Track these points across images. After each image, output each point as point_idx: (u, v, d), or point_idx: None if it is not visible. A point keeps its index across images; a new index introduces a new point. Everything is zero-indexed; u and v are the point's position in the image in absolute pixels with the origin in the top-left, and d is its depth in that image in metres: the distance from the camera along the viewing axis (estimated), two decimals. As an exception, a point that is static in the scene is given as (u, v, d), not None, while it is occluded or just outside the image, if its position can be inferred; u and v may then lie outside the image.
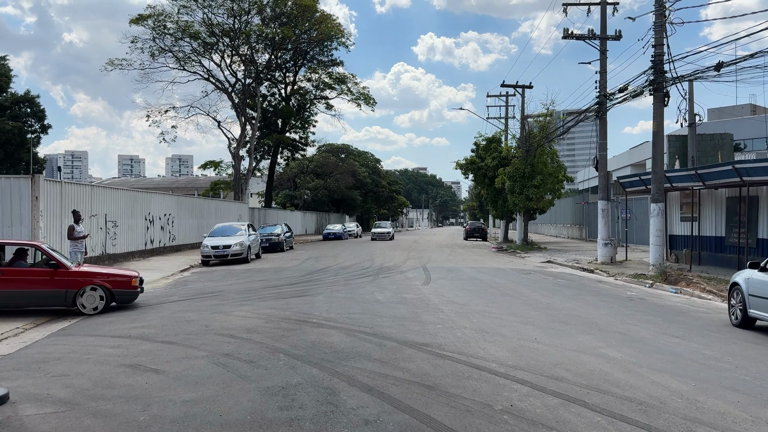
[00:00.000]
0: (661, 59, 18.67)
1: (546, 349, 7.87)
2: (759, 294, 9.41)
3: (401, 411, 5.32)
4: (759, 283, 9.47)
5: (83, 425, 5.13)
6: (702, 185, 20.01)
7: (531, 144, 31.98)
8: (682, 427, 4.97)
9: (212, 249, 22.92)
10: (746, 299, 9.78)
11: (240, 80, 44.16)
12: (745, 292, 9.84)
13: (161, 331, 9.27)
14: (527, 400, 5.62)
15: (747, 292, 9.79)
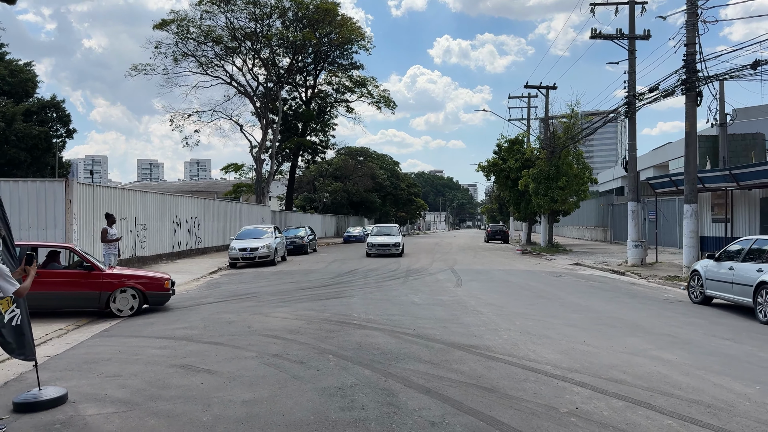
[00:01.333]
0: (693, 58, 18.41)
1: (597, 351, 7.75)
2: (713, 278, 12.40)
3: (465, 413, 5.26)
4: (712, 271, 12.46)
5: (147, 425, 5.13)
6: (736, 186, 19.68)
7: (556, 145, 31.72)
8: (757, 430, 4.84)
9: (240, 251, 23.02)
10: (706, 282, 12.68)
11: (261, 84, 44.45)
12: (703, 277, 12.78)
13: (204, 332, 9.29)
14: (591, 403, 5.52)
15: (705, 277, 12.72)
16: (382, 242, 27.63)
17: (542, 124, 35.64)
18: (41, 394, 5.85)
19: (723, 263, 12.18)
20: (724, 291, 12.00)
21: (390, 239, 28.04)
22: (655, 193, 25.15)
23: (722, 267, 12.13)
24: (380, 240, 27.98)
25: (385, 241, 27.77)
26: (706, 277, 12.60)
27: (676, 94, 19.71)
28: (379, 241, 27.73)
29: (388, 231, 30.17)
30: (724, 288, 12.01)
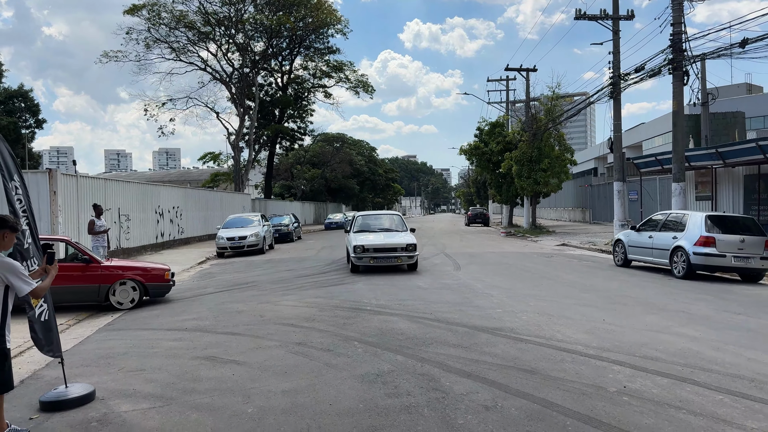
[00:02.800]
0: (680, 38, 18.55)
1: (621, 330, 7.77)
2: (635, 245, 15.48)
3: (514, 396, 5.19)
4: (633, 239, 15.64)
5: (191, 420, 4.96)
6: (721, 164, 20.02)
7: (538, 127, 31.86)
8: (809, 402, 4.88)
9: (228, 240, 22.67)
10: (626, 249, 15.83)
11: (237, 70, 43.66)
12: (626, 245, 15.91)
13: (217, 322, 9.08)
14: (637, 381, 5.51)
15: (627, 244, 15.86)
16: (382, 244, 14.80)
17: (523, 106, 35.74)
18: (68, 392, 5.62)
19: (643, 233, 15.27)
20: (645, 255, 15.11)
21: (394, 237, 15.28)
22: (640, 173, 25.46)
23: (643, 236, 15.21)
24: (377, 240, 15.07)
25: (386, 242, 14.93)
26: (629, 245, 15.77)
27: (663, 73, 19.86)
28: (375, 243, 14.82)
29: (387, 222, 16.90)
30: (644, 253, 15.12)
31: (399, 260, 14.49)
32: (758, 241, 13.06)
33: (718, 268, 13.36)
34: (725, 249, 12.90)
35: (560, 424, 4.50)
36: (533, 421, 4.59)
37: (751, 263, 12.95)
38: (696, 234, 13.25)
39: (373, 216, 17.54)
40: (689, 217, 14.03)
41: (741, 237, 13.00)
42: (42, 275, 5.19)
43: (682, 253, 13.41)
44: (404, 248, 14.56)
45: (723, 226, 13.41)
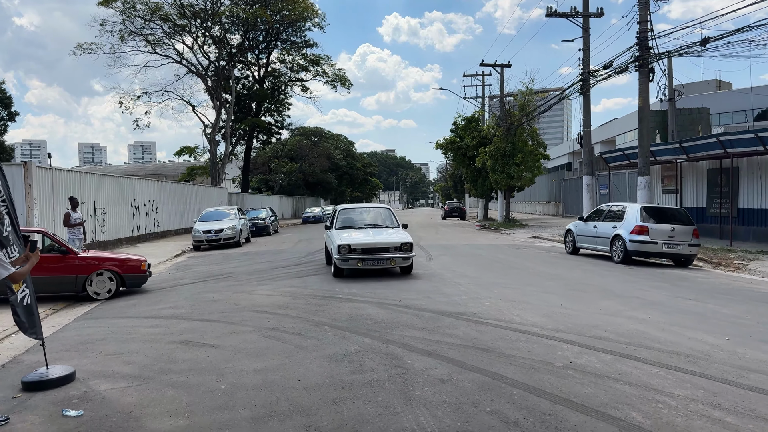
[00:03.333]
0: (646, 36, 19.17)
1: (576, 314, 8.26)
2: (581, 234, 17.06)
3: (470, 370, 5.62)
4: (580, 228, 17.21)
5: (167, 396, 5.29)
6: (685, 158, 20.74)
7: (511, 122, 32.44)
8: (734, 373, 5.38)
9: (204, 233, 22.84)
10: (575, 237, 17.32)
11: (213, 63, 43.56)
12: (575, 234, 17.39)
13: (192, 310, 9.38)
14: (583, 357, 5.97)
15: (576, 234, 17.33)
16: (372, 243, 12.18)
17: (498, 101, 36.31)
18: (49, 373, 5.90)
19: (589, 223, 16.78)
20: (590, 243, 16.66)
21: (385, 235, 12.76)
22: (609, 167, 26.16)
23: (589, 226, 16.74)
24: (365, 239, 12.44)
25: (376, 240, 12.30)
26: (577, 234, 17.35)
27: (629, 70, 20.54)
28: (363, 242, 12.24)
29: (374, 217, 14.33)
30: (590, 241, 16.66)
31: (392, 262, 12.09)
32: (687, 230, 14.55)
33: (651, 254, 14.87)
34: (657, 237, 14.42)
35: (507, 394, 4.93)
36: (483, 391, 5.02)
37: (679, 249, 14.47)
38: (632, 223, 14.69)
39: (359, 210, 14.74)
40: (627, 209, 15.43)
41: (672, 226, 14.48)
42: (23, 262, 5.46)
43: (620, 240, 14.91)
44: (398, 248, 12.08)
45: (656, 217, 14.88)
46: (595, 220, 16.71)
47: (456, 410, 4.60)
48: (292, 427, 4.42)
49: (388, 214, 14.50)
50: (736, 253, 15.73)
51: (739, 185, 19.38)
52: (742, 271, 13.58)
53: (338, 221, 13.86)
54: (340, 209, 14.64)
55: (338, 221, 13.86)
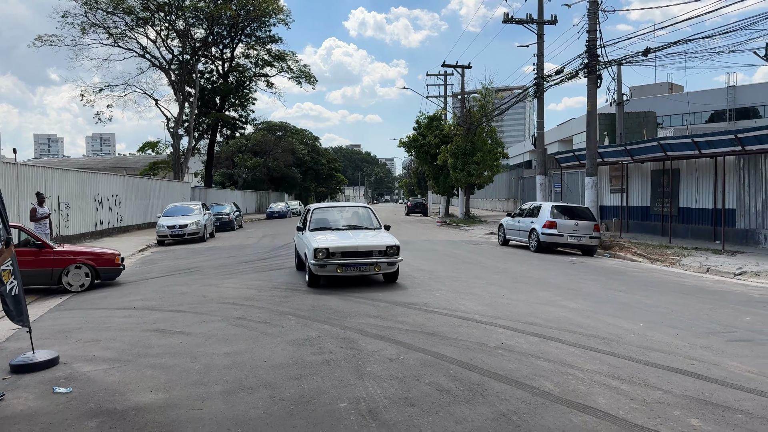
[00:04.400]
0: (594, 44, 20.33)
1: (516, 303, 9.19)
2: (509, 228, 19.94)
3: (415, 351, 6.44)
4: (509, 223, 19.97)
5: (146, 375, 5.95)
6: (630, 160, 22.04)
7: (471, 122, 33.52)
8: (638, 352, 6.34)
9: (168, 228, 23.19)
10: (505, 231, 20.12)
11: (177, 57, 43.49)
12: (505, 228, 20.15)
13: (162, 302, 9.98)
14: (513, 340, 6.86)
15: (506, 228, 20.08)
16: (354, 247, 10.73)
17: (459, 101, 37.37)
18: (36, 357, 6.49)
19: (515, 219, 19.63)
20: (515, 235, 19.49)
21: (368, 237, 11.35)
22: (560, 167, 27.42)
23: (515, 221, 19.58)
24: (345, 241, 10.98)
25: (358, 243, 10.85)
26: (506, 228, 20.18)
27: (579, 76, 21.71)
28: (344, 245, 10.76)
29: (353, 217, 12.85)
30: (515, 234, 19.50)
31: (376, 268, 10.61)
32: (589, 225, 17.47)
33: (558, 245, 17.69)
34: (564, 230, 17.23)
35: (444, 369, 5.77)
36: (425, 367, 5.84)
37: (582, 240, 17.35)
38: (544, 219, 17.50)
39: (335, 209, 13.19)
40: (542, 207, 18.13)
41: (576, 222, 17.34)
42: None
43: (535, 233, 17.78)
44: (383, 251, 10.63)
45: (565, 214, 17.63)
46: (519, 216, 19.50)
47: (400, 382, 5.41)
48: (259, 398, 5.16)
49: (368, 213, 12.92)
50: (673, 250, 16.99)
51: (680, 186, 20.76)
52: (675, 266, 14.78)
53: (312, 222, 12.19)
54: (314, 208, 12.90)
55: (312, 222, 12.19)
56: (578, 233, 17.26)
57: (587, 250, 17.60)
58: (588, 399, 4.89)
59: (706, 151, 17.76)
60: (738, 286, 11.37)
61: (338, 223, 12.35)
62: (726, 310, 8.70)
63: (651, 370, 5.69)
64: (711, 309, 8.78)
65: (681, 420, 4.44)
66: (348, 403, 4.94)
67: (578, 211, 17.99)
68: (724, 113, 53.66)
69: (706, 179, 19.49)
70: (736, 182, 18.05)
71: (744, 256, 15.33)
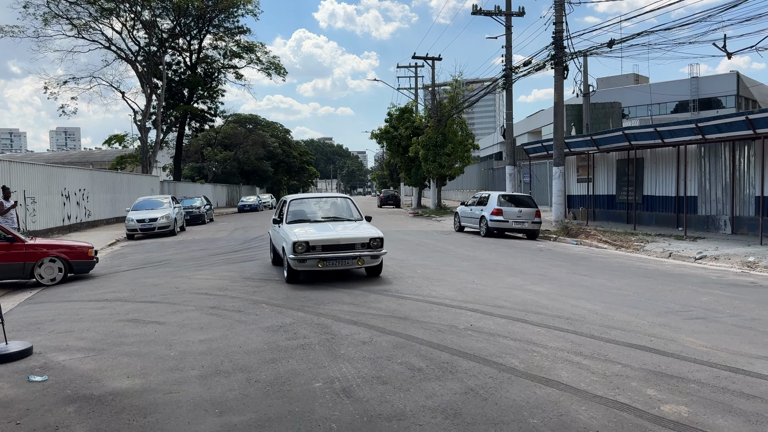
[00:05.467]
0: (561, 36, 20.71)
1: (484, 288, 9.45)
2: (463, 216, 21.90)
3: (387, 334, 6.63)
4: (463, 211, 21.96)
5: (122, 362, 6.02)
6: (596, 149, 22.55)
7: (442, 114, 33.80)
8: (599, 330, 6.63)
9: (138, 222, 22.97)
10: (461, 219, 22.06)
11: (143, 48, 42.83)
12: (460, 216, 22.13)
13: (135, 294, 9.98)
14: (482, 322, 7.10)
15: (461, 216, 22.11)
16: (335, 239, 10.30)
17: (429, 93, 37.61)
18: (9, 347, 6.49)
19: (469, 207, 21.44)
20: (469, 222, 21.40)
21: (349, 229, 10.95)
22: (529, 158, 27.89)
23: (468, 209, 21.45)
24: (325, 234, 10.51)
25: (340, 236, 10.48)
26: (461, 216, 22.11)
27: (546, 68, 22.07)
28: (324, 238, 10.21)
29: (332, 209, 12.40)
30: (468, 221, 21.39)
31: (359, 261, 10.17)
32: (531, 212, 19.35)
33: (504, 230, 19.58)
34: (509, 217, 19.18)
35: (416, 350, 5.97)
36: (397, 348, 6.04)
37: (525, 225, 19.26)
38: (492, 207, 19.39)
39: (313, 201, 12.57)
40: (490, 196, 20.08)
41: (519, 209, 19.30)
42: None
43: (484, 220, 19.69)
44: (366, 244, 10.23)
45: (510, 202, 19.63)
46: (472, 205, 21.32)
47: (373, 363, 5.59)
48: (235, 380, 5.29)
49: (348, 204, 12.38)
50: (637, 236, 17.50)
51: (644, 175, 21.34)
52: (639, 251, 15.26)
53: (289, 214, 11.65)
54: (291, 200, 12.26)
55: (289, 214, 11.65)
56: (521, 219, 19.16)
57: (530, 234, 19.53)
58: (551, 373, 5.14)
59: (668, 140, 18.30)
60: (698, 270, 11.83)
61: (317, 215, 11.85)
62: (684, 292, 9.08)
63: (611, 346, 5.98)
64: (670, 291, 9.16)
65: (638, 390, 4.71)
66: (323, 383, 5.10)
67: (522, 199, 20.02)
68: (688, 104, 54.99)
69: (669, 168, 20.08)
70: (697, 170, 18.65)
71: (705, 242, 15.89)
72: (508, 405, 4.47)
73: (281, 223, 11.49)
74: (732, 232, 17.48)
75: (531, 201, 20.05)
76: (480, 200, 20.81)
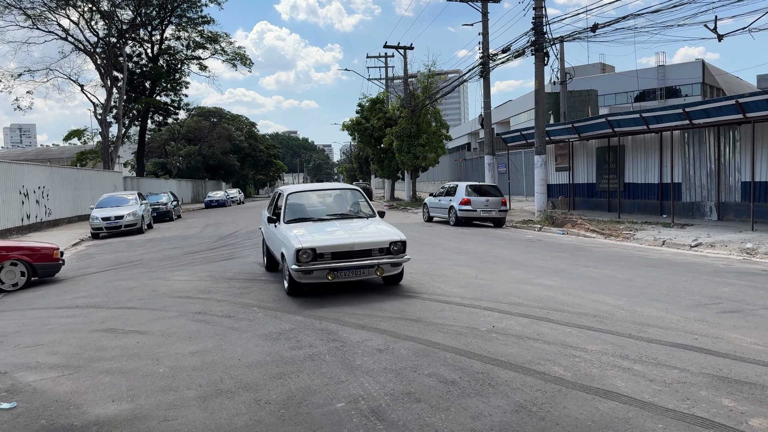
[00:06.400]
0: (541, 21, 20.24)
1: (490, 283, 8.85)
2: (432, 206, 22.09)
3: (403, 339, 5.96)
4: (432, 202, 22.18)
5: (104, 382, 5.22)
6: (577, 137, 22.22)
7: (416, 104, 33.15)
8: (634, 329, 6.08)
9: (103, 221, 21.77)
10: (429, 209, 22.33)
11: (102, 39, 41.01)
12: (429, 207, 22.34)
13: (108, 299, 9.09)
14: (503, 322, 6.48)
15: (429, 206, 22.34)
16: (348, 245, 8.10)
17: (402, 83, 36.92)
18: (-32, 369, 5.62)
19: (437, 198, 21.69)
20: (438, 213, 21.49)
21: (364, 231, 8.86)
22: (507, 147, 27.48)
23: (436, 200, 21.60)
24: (336, 238, 8.27)
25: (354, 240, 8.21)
26: (430, 206, 22.39)
27: (526, 54, 21.59)
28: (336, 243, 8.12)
29: (338, 204, 10.18)
30: (437, 211, 21.48)
31: (378, 271, 8.16)
32: (497, 201, 19.70)
33: (473, 219, 19.82)
34: (476, 206, 19.53)
35: (441, 358, 5.31)
36: (419, 357, 5.37)
37: (492, 214, 19.61)
38: (460, 197, 19.67)
39: (316, 193, 10.50)
40: (458, 186, 20.36)
41: (486, 198, 19.65)
42: None
43: (453, 210, 19.90)
44: (386, 249, 8.26)
45: (477, 192, 19.86)
46: (440, 196, 21.54)
47: (397, 375, 4.92)
48: (241, 402, 4.55)
49: (358, 197, 10.36)
50: (625, 224, 17.19)
51: (625, 162, 21.10)
52: (630, 240, 14.90)
53: (288, 211, 9.42)
54: (289, 193, 9.89)
55: (288, 211, 9.42)
56: (489, 208, 19.60)
57: (497, 222, 19.90)
58: (605, 383, 4.55)
59: (654, 126, 18.01)
60: (699, 258, 11.47)
61: (321, 212, 9.62)
62: (700, 282, 8.64)
63: (656, 347, 5.42)
64: (686, 281, 8.71)
65: (711, 401, 4.15)
66: (345, 402, 4.41)
67: (488, 188, 20.44)
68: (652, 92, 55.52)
69: (651, 155, 19.85)
70: (681, 157, 18.44)
71: (693, 229, 15.64)
72: (572, 425, 3.85)
73: (278, 221, 9.32)
74: (718, 218, 17.31)
75: (497, 190, 20.44)
76: (448, 191, 21.07)
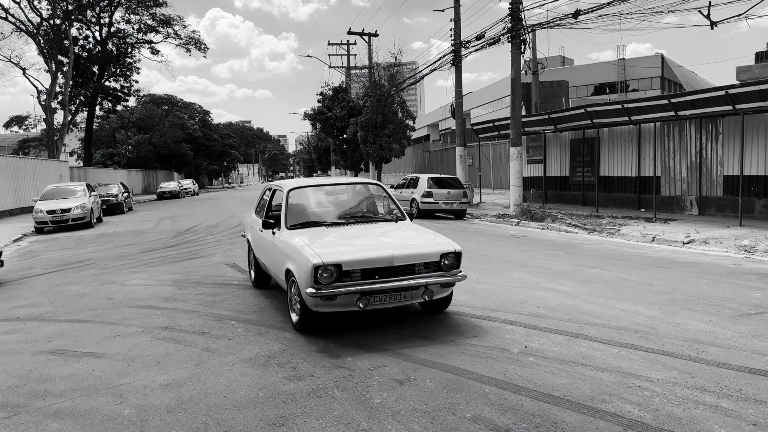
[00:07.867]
0: (518, 7, 19.41)
1: (496, 288, 7.92)
2: (400, 200, 18.71)
3: (423, 365, 4.94)
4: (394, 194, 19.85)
5: (52, 430, 4.04)
6: (553, 129, 21.61)
7: (381, 93, 32.09)
8: (690, 348, 5.22)
9: (48, 214, 19.98)
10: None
11: (46, 20, 38.40)
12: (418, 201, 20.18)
13: (55, 309, 7.77)
14: (534, 341, 5.54)
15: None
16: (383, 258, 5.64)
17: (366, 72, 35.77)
18: None
19: (398, 190, 21.30)
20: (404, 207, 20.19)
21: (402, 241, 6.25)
22: (479, 138, 26.73)
23: (398, 192, 21.01)
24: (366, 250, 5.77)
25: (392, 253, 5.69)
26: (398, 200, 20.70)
27: (501, 42, 20.76)
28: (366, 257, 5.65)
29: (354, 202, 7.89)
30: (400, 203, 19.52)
31: (428, 294, 5.88)
32: (459, 193, 19.78)
33: (435, 211, 19.92)
34: (438, 198, 19.54)
35: (480, 393, 4.33)
36: (452, 392, 4.37)
37: (453, 206, 19.69)
38: (422, 189, 19.67)
39: (326, 189, 8.09)
40: (420, 179, 20.31)
41: (448, 191, 19.71)
42: None
43: (415, 202, 19.90)
44: (436, 264, 5.98)
45: (439, 184, 19.86)
46: (401, 188, 21.49)
47: (433, 420, 3.91)
48: (237, 464, 3.46)
49: (378, 193, 8.06)
50: (606, 219, 16.60)
51: (601, 154, 20.58)
52: (615, 236, 14.26)
53: (291, 213, 6.93)
54: (291, 189, 7.23)
55: (291, 213, 6.93)
56: (450, 200, 19.65)
57: (458, 214, 20.14)
58: (699, 428, 3.65)
59: (635, 118, 17.47)
60: (700, 256, 10.84)
61: (334, 214, 7.23)
62: (723, 286, 7.92)
63: (730, 374, 4.57)
64: (707, 285, 7.97)
65: None
66: (378, 464, 3.38)
67: (449, 181, 20.43)
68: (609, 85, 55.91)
69: (628, 147, 19.36)
70: (661, 149, 17.98)
71: (677, 224, 15.15)
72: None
73: (279, 227, 6.80)
74: (699, 212, 16.92)
75: (458, 183, 20.53)
76: (409, 183, 21.09)
